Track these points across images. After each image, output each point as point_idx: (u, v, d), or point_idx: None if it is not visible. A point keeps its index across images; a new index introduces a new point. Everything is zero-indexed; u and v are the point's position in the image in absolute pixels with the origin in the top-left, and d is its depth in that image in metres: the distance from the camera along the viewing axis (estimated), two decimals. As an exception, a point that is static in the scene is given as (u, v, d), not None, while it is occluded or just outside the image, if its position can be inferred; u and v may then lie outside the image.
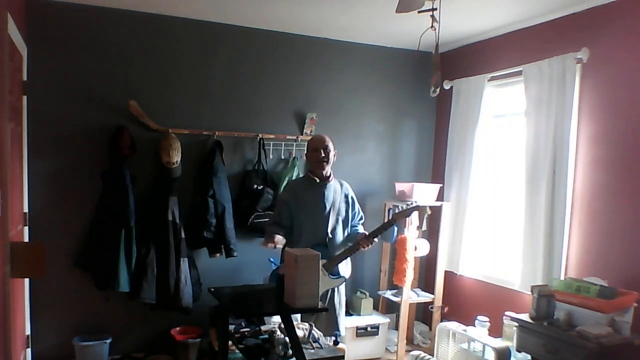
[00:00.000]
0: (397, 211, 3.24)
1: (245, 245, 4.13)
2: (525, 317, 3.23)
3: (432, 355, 4.01)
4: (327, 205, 3.24)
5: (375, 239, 3.21)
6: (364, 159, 4.72)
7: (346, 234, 3.35)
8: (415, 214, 4.21)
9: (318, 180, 3.24)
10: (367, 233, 3.23)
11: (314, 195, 3.23)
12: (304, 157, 3.44)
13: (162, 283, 3.77)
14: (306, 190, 3.25)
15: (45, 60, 3.65)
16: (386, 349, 4.46)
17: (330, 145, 3.23)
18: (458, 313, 4.43)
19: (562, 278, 3.42)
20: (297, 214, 3.22)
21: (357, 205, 3.43)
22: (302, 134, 4.40)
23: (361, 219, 3.46)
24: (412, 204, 3.28)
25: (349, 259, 3.29)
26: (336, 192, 3.29)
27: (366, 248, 3.20)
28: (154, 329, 4.02)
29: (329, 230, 3.24)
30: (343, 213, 3.32)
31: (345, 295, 4.42)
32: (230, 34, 4.16)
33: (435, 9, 2.63)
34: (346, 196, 3.35)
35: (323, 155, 3.19)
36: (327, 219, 3.23)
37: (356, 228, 3.41)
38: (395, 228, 4.04)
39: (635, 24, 3.15)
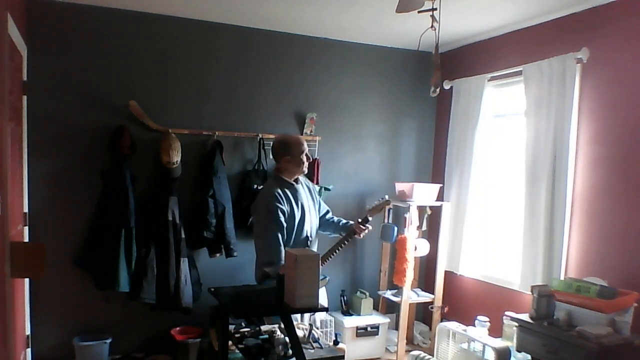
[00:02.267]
0: (367, 207, 3.31)
1: (245, 245, 4.11)
2: (525, 317, 3.23)
3: (432, 355, 4.01)
4: (304, 205, 3.16)
5: (369, 226, 3.23)
6: (364, 159, 4.72)
7: (318, 225, 3.32)
8: (415, 214, 4.23)
9: (294, 184, 3.16)
10: (360, 219, 3.23)
11: (293, 199, 3.12)
12: (284, 160, 3.12)
13: (162, 283, 3.77)
14: (288, 195, 3.10)
15: (45, 60, 3.65)
16: (386, 349, 4.46)
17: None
18: (458, 313, 4.43)
19: (562, 278, 3.42)
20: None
21: (317, 196, 3.39)
22: (302, 134, 4.40)
23: (327, 211, 3.43)
24: (383, 198, 3.33)
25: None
26: (304, 189, 3.24)
27: (362, 235, 3.22)
28: (154, 329, 4.02)
29: (309, 233, 3.16)
30: (313, 208, 3.26)
31: (345, 296, 4.47)
32: (230, 34, 4.16)
33: (435, 9, 2.63)
34: (309, 189, 3.29)
35: (309, 157, 3.17)
36: (305, 220, 3.15)
37: (332, 217, 3.39)
38: (395, 228, 4.04)
39: (635, 24, 3.15)
